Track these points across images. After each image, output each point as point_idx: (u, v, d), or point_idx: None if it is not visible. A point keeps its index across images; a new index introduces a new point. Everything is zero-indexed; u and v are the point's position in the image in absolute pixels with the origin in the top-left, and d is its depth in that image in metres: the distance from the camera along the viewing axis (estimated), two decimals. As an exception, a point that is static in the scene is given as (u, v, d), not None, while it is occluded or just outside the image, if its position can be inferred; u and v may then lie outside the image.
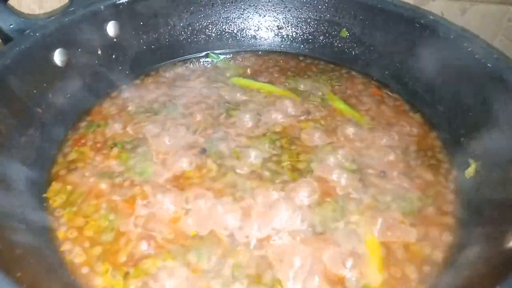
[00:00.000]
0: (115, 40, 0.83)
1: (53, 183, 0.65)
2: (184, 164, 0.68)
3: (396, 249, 0.58)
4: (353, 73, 0.90)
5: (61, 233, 0.58)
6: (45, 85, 0.71)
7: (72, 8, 0.78)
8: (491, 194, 0.61)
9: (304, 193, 0.63)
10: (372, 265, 0.55)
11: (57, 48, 0.73)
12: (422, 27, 0.80)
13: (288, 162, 0.69)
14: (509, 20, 1.22)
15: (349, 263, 0.55)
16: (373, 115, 0.79)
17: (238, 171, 0.67)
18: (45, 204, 0.62)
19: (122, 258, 0.55)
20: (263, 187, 0.65)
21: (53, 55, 0.73)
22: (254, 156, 0.69)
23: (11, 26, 0.73)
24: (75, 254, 0.55)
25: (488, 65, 0.68)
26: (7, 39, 0.72)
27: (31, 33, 0.70)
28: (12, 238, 0.50)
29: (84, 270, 0.54)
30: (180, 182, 0.65)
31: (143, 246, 0.56)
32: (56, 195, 0.63)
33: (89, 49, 0.79)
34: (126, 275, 0.53)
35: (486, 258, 0.52)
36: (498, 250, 0.50)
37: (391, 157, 0.71)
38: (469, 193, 0.64)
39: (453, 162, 0.70)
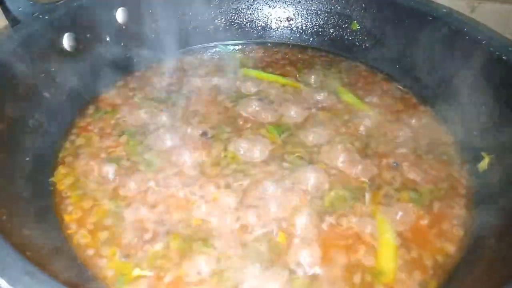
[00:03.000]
0: (123, 27, 0.82)
1: (60, 167, 0.64)
2: (191, 152, 0.67)
3: (409, 240, 0.57)
4: (363, 66, 0.89)
5: (67, 216, 0.57)
6: (53, 69, 0.70)
7: (81, -7, 0.77)
8: (505, 187, 0.60)
9: (314, 181, 0.63)
10: (385, 253, 0.54)
11: (65, 32, 0.72)
12: (435, 20, 0.79)
13: (298, 151, 0.68)
14: (517, 20, 1.21)
15: (362, 250, 0.55)
16: (383, 108, 0.78)
17: (246, 159, 0.67)
18: (51, 188, 0.61)
19: (128, 241, 0.54)
20: (273, 175, 0.64)
21: (61, 39, 0.72)
22: (263, 144, 0.68)
23: (20, 9, 0.71)
24: (81, 236, 0.55)
25: (503, 57, 0.67)
26: (15, 21, 0.71)
27: (40, 16, 0.69)
28: (20, 219, 0.49)
29: (90, 252, 0.53)
30: (187, 170, 0.64)
31: (150, 231, 0.55)
32: (62, 179, 0.62)
33: (98, 35, 0.78)
34: (132, 258, 0.52)
35: (502, 250, 0.51)
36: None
37: (403, 149, 0.70)
38: (483, 186, 0.63)
39: (465, 155, 0.69)
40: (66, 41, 0.72)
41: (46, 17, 0.69)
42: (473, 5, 1.20)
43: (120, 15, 0.81)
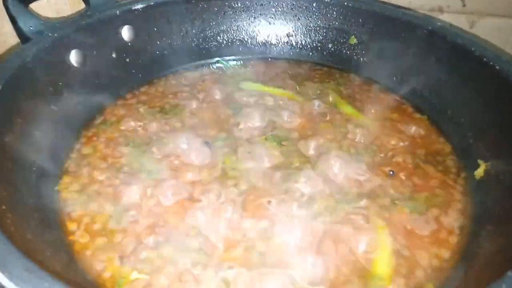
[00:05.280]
0: (129, 44, 0.86)
1: (65, 177, 0.66)
2: (192, 161, 0.69)
3: (405, 246, 0.57)
4: (361, 78, 0.91)
5: (70, 222, 0.59)
6: (60, 83, 0.73)
7: (89, 13, 0.81)
8: (501, 194, 0.60)
9: (313, 190, 0.64)
10: (381, 258, 0.55)
11: (73, 49, 0.76)
12: (430, 33, 0.81)
13: (298, 160, 0.70)
14: (517, 34, 1.23)
15: (359, 255, 0.56)
16: (380, 118, 0.80)
17: (247, 168, 0.68)
18: (56, 197, 0.63)
19: (128, 248, 0.56)
20: (273, 184, 0.65)
21: (69, 56, 0.75)
22: (263, 154, 0.70)
23: (31, 28, 0.75)
24: (82, 242, 0.56)
25: (497, 67, 0.68)
26: (26, 40, 0.75)
27: (49, 34, 0.72)
28: (24, 225, 0.51)
29: (90, 257, 0.55)
30: (187, 179, 0.66)
31: (150, 238, 0.57)
32: (67, 187, 0.64)
33: (104, 51, 0.82)
34: (130, 262, 0.53)
35: (497, 256, 0.51)
36: (509, 246, 0.50)
37: (399, 158, 0.71)
38: (479, 193, 0.64)
39: (462, 163, 0.70)
40: (74, 57, 0.76)
41: (56, 35, 0.72)
42: (473, 20, 1.22)
43: (125, 32, 0.85)
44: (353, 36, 0.93)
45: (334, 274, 0.54)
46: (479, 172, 0.65)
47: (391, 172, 0.68)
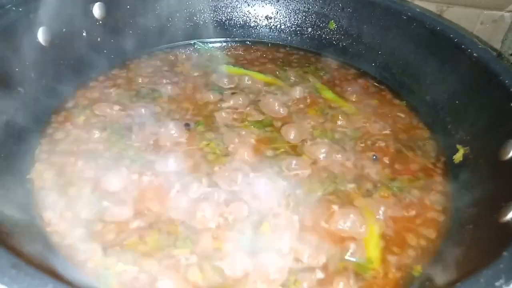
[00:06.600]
0: (100, 22, 0.81)
1: (36, 164, 0.61)
2: (172, 145, 0.67)
3: (392, 228, 0.58)
4: (340, 63, 0.91)
5: (47, 213, 0.55)
6: (27, 63, 0.67)
7: (57, -13, 0.75)
8: (480, 176, 0.63)
9: (296, 175, 0.64)
10: (370, 241, 0.56)
11: (40, 26, 0.69)
12: (409, 19, 0.82)
13: (281, 146, 0.69)
14: (482, 23, 1.28)
15: (347, 239, 0.56)
16: (360, 104, 0.80)
17: (229, 154, 0.67)
18: (29, 185, 0.58)
19: (110, 236, 0.53)
20: (257, 168, 0.64)
21: (36, 33, 0.69)
22: (246, 139, 0.69)
23: (-8, 2, 0.69)
24: (61, 233, 0.53)
25: (474, 54, 0.70)
26: (-13, 15, 0.68)
27: (13, 8, 0.66)
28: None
29: (72, 249, 0.51)
30: (169, 163, 0.63)
31: (133, 225, 0.55)
32: (40, 175, 0.60)
33: (74, 30, 0.76)
34: (114, 253, 0.51)
35: (481, 234, 0.53)
36: (492, 225, 0.52)
37: (381, 143, 0.72)
38: (459, 177, 0.66)
39: (441, 148, 0.72)
40: (42, 35, 0.70)
41: (20, 9, 0.66)
42: (442, 8, 1.25)
43: (97, 10, 0.80)
44: (332, 21, 0.92)
45: (322, 258, 0.54)
46: (458, 157, 0.68)
47: (374, 157, 0.69)
